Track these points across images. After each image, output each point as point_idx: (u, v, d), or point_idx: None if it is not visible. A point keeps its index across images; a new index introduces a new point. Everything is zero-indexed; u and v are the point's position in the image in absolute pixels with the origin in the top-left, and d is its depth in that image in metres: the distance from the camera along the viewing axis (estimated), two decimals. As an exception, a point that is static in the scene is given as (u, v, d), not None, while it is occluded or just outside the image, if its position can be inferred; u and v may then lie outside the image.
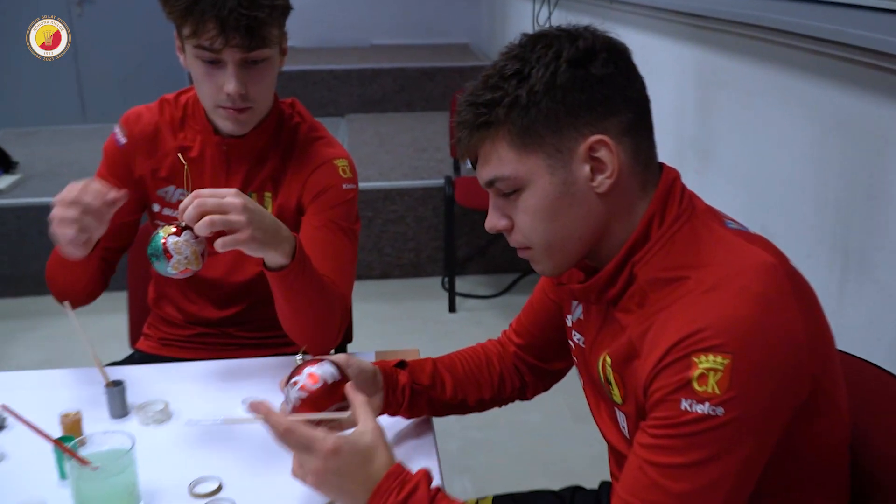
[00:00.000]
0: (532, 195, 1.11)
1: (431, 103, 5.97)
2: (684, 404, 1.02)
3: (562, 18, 4.19)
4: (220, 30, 1.54)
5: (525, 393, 1.52)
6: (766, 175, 2.31)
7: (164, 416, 1.49)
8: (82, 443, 1.24)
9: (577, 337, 1.30)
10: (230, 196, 1.36)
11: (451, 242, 4.02)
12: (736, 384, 1.00)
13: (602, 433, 1.29)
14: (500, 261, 4.34)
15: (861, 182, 1.88)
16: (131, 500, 1.22)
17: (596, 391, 1.27)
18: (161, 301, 1.94)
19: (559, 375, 1.53)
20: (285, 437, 1.14)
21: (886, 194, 1.79)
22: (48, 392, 1.60)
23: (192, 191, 1.34)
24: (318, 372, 1.24)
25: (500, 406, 1.52)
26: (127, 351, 2.05)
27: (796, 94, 2.13)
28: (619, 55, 1.12)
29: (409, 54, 6.49)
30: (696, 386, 1.01)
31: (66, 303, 1.54)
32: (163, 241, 1.36)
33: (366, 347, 1.99)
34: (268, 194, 1.77)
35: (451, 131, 4.03)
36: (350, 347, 2.19)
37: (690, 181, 1.18)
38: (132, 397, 1.53)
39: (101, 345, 1.78)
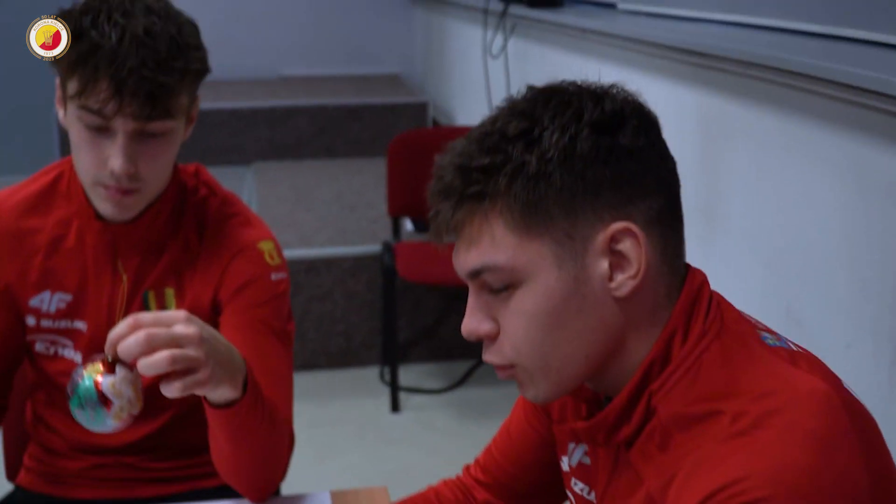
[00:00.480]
0: (530, 294, 1.07)
1: (359, 148, 5.98)
2: None
3: (519, 49, 4.26)
4: (115, 92, 1.51)
5: None
6: (787, 244, 2.35)
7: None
8: None
9: (579, 486, 1.26)
10: (180, 324, 1.32)
11: (392, 323, 4.00)
12: None
13: None
14: (451, 344, 4.34)
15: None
16: None
17: None
18: (39, 425, 1.89)
19: None
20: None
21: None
22: None
23: (73, 292, 1.29)
24: None
25: None
26: (5, 486, 1.97)
27: (823, 148, 2.19)
28: (650, 125, 1.12)
29: (328, 88, 6.52)
30: None
31: None
32: (95, 384, 1.31)
33: (295, 468, 1.93)
34: (169, 291, 1.73)
35: (389, 189, 4.11)
36: (287, 484, 2.14)
37: (693, 251, 1.17)
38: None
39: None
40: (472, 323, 1.12)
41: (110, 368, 1.31)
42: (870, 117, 2.00)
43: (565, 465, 1.29)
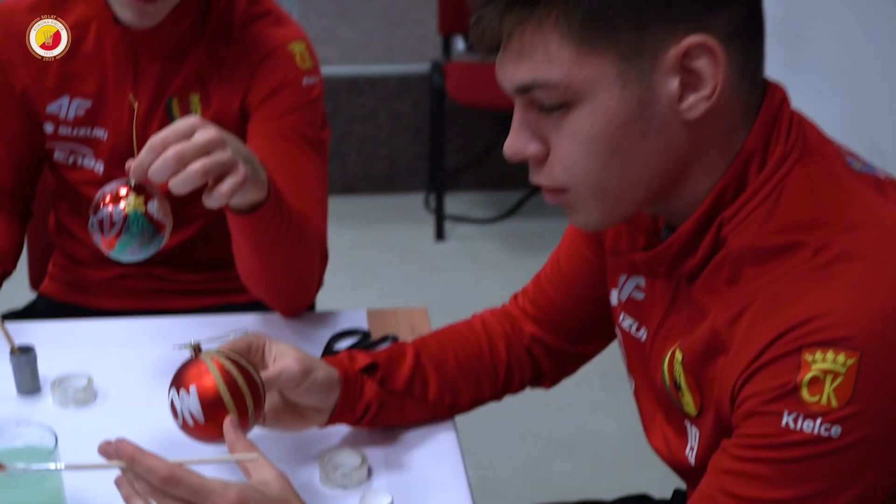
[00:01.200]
0: (589, 115, 1.00)
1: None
2: (787, 419, 0.96)
3: None
4: None
5: (541, 381, 1.47)
6: (875, 76, 2.25)
7: (88, 395, 1.44)
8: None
9: (627, 323, 1.23)
10: (199, 131, 1.28)
11: (439, 149, 3.95)
12: (861, 395, 0.94)
13: (659, 453, 1.23)
14: (501, 173, 4.28)
15: None
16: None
17: (655, 398, 1.21)
18: (62, 234, 1.88)
19: (588, 358, 1.46)
20: (168, 486, 1.02)
21: None
22: None
23: (93, 98, 1.24)
24: (227, 366, 1.17)
25: (498, 400, 1.47)
26: (28, 296, 1.98)
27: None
28: None
29: None
30: (805, 394, 0.95)
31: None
32: (143, 212, 1.30)
33: (332, 292, 1.90)
34: (194, 96, 1.68)
35: (440, 3, 3.97)
36: (321, 301, 2.13)
37: (775, 74, 1.09)
38: (45, 367, 1.48)
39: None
40: (518, 142, 1.05)
41: (146, 193, 1.31)
42: None
43: (614, 298, 1.25)
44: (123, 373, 1.50)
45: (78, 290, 1.89)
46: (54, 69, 1.68)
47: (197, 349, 1.18)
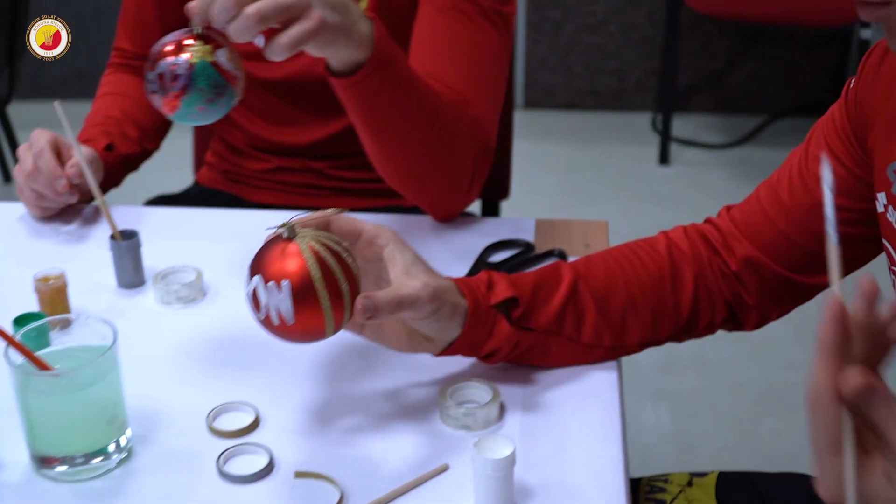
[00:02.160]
0: None
1: None
2: None
3: None
4: None
5: (741, 322, 1.20)
6: None
7: (194, 291, 1.27)
8: (57, 326, 1.02)
9: None
10: None
11: (672, 64, 3.72)
12: None
13: None
14: (739, 95, 4.04)
15: None
16: (108, 430, 0.99)
17: None
18: (221, 119, 1.72)
19: (812, 294, 1.19)
20: None
21: None
22: (29, 241, 1.43)
23: None
24: (320, 251, 0.95)
25: (680, 342, 1.21)
26: (189, 182, 1.88)
27: None
28: None
29: None
30: None
31: (56, 103, 1.31)
32: (211, 62, 1.12)
33: (526, 210, 1.73)
34: None
35: None
36: (505, 208, 1.91)
37: None
38: (153, 258, 1.31)
39: (163, 176, 1.58)
40: None
41: (214, 42, 1.13)
42: None
43: (882, 203, 1.03)
44: (239, 270, 1.30)
45: (234, 181, 1.76)
46: None
47: (292, 231, 0.96)
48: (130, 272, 1.28)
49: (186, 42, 1.11)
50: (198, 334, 1.20)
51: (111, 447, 0.98)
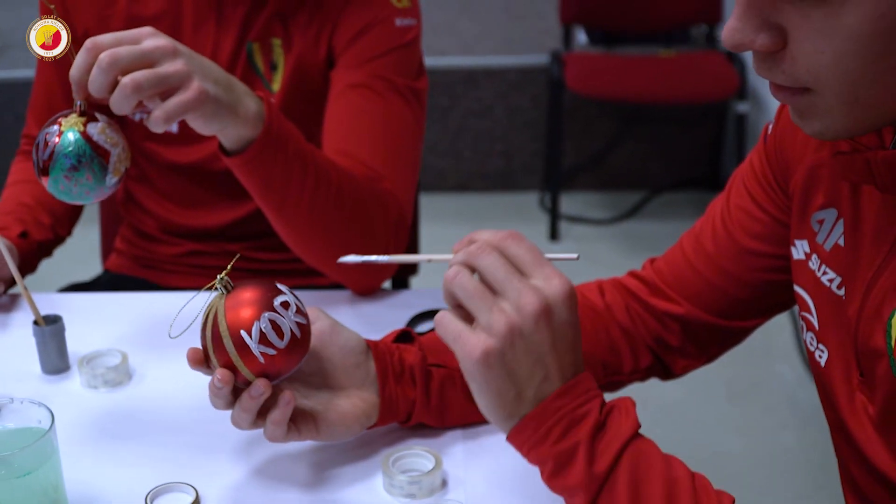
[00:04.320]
0: (855, 9, 0.77)
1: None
2: None
3: None
4: None
5: (668, 367, 1.22)
6: None
7: (120, 375, 1.24)
8: (-15, 413, 0.98)
9: (827, 277, 0.99)
10: (149, 38, 1.10)
11: (557, 145, 3.77)
12: None
13: (857, 444, 0.97)
14: (622, 173, 4.09)
15: None
16: (49, 516, 0.94)
17: (855, 373, 0.96)
18: (130, 204, 1.70)
19: (738, 340, 1.22)
20: (510, 242, 0.88)
21: None
22: None
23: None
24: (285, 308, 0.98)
25: (611, 390, 1.22)
26: (98, 271, 1.84)
27: None
28: None
29: None
30: None
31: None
32: (81, 133, 1.09)
33: (435, 285, 1.68)
34: (276, 41, 1.49)
35: None
36: (417, 283, 1.91)
37: None
38: (77, 344, 1.28)
39: (72, 267, 1.55)
40: (744, 32, 0.82)
41: (89, 117, 1.11)
42: None
43: (800, 252, 1.04)
44: (163, 350, 1.28)
45: (145, 267, 1.72)
46: (120, 12, 1.52)
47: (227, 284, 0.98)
48: (55, 357, 1.24)
49: (66, 116, 1.10)
50: (128, 416, 1.17)
51: (52, 532, 0.95)
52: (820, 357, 1.01)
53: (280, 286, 0.98)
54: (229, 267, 0.98)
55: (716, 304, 1.16)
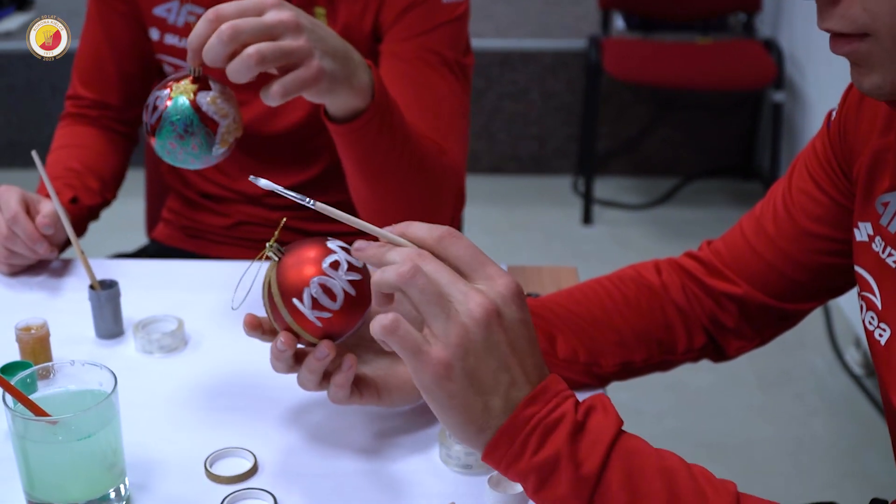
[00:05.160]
0: None
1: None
2: None
3: None
4: None
5: (723, 348, 1.20)
6: None
7: (176, 341, 1.22)
8: (44, 374, 0.97)
9: (892, 258, 0.97)
10: (273, 10, 1.06)
11: (592, 129, 3.74)
12: None
13: None
14: (656, 159, 4.06)
15: None
16: (108, 477, 0.94)
17: None
18: (175, 173, 1.68)
19: (794, 322, 1.20)
20: (446, 242, 0.81)
21: None
22: (9, 292, 1.36)
23: (207, 6, 1.05)
24: (344, 245, 0.96)
25: (664, 370, 1.20)
26: (143, 241, 1.81)
27: None
28: None
29: None
30: None
31: (36, 156, 1.26)
32: (190, 101, 1.07)
33: None
34: (320, 10, 1.46)
35: None
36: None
37: None
38: (132, 309, 1.26)
39: (113, 236, 1.54)
40: None
41: (201, 83, 1.08)
42: None
43: (864, 233, 1.01)
44: (219, 318, 1.27)
45: (192, 237, 1.71)
46: None
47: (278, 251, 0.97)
48: (110, 322, 1.23)
49: (179, 80, 1.08)
50: (185, 382, 1.15)
51: (112, 494, 0.94)
52: (881, 336, 1.00)
53: (331, 244, 0.95)
54: (276, 233, 0.96)
55: (774, 285, 1.14)
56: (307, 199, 0.84)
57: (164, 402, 1.12)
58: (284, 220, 1.02)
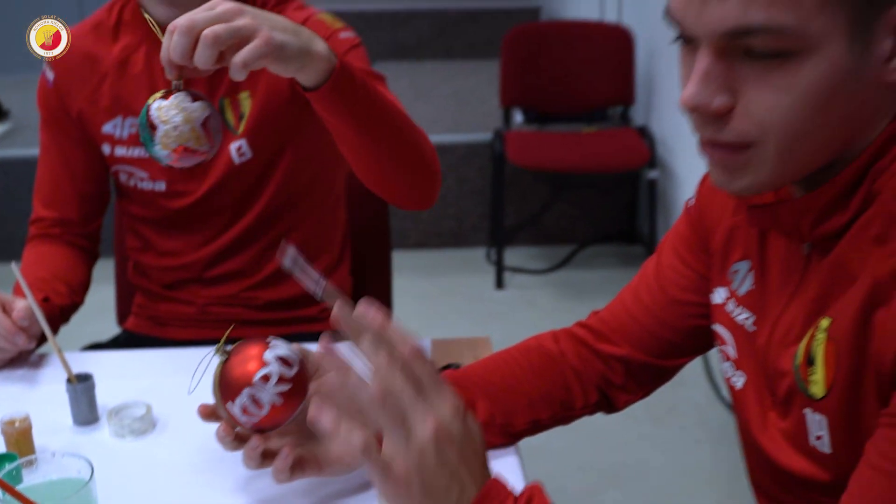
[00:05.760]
0: (811, 69, 0.76)
1: (476, 51, 5.51)
2: None
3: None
4: None
5: (612, 402, 1.19)
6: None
7: (145, 424, 1.18)
8: (29, 465, 0.94)
9: (742, 316, 0.99)
10: (221, 5, 1.06)
11: (500, 208, 3.74)
12: None
13: (770, 457, 0.97)
14: (554, 231, 4.05)
15: None
16: (87, 557, 0.89)
17: (766, 393, 0.96)
18: (136, 273, 1.65)
19: (670, 376, 1.20)
20: (415, 362, 0.80)
21: None
22: None
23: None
24: (285, 353, 0.95)
25: (565, 423, 1.20)
26: (115, 330, 1.76)
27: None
28: None
29: (447, -6, 6.11)
30: None
31: (14, 264, 1.22)
32: (147, 108, 1.08)
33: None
34: (244, 94, 1.45)
35: (502, 79, 3.82)
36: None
37: None
38: (105, 396, 1.22)
39: (86, 324, 1.50)
40: (703, 94, 0.79)
41: (166, 94, 1.09)
42: None
43: (720, 297, 1.03)
44: (182, 401, 1.22)
45: (160, 325, 1.66)
46: (106, 90, 1.48)
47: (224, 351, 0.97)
48: (86, 411, 1.19)
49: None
50: (154, 462, 1.12)
51: (91, 572, 0.90)
52: (736, 382, 1.01)
53: (268, 354, 0.95)
54: (224, 338, 0.97)
55: (652, 346, 1.14)
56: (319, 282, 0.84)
57: (137, 481, 1.09)
58: (233, 325, 1.01)
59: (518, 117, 4.06)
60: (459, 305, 3.52)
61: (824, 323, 0.86)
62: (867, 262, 0.82)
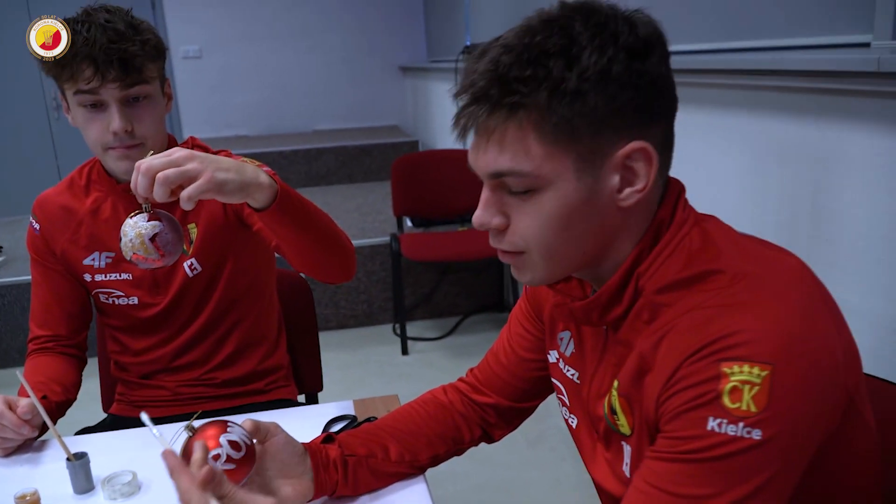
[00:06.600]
0: (549, 199, 0.82)
1: (370, 175, 5.69)
2: (712, 424, 0.74)
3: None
4: (95, 68, 1.29)
5: (491, 436, 1.22)
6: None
7: (132, 488, 1.15)
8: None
9: (570, 373, 1.01)
10: (177, 152, 1.07)
11: (400, 292, 3.74)
12: (776, 401, 0.73)
13: (597, 483, 0.99)
14: (443, 305, 4.07)
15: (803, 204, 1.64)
16: None
17: (593, 431, 0.98)
18: (118, 370, 1.63)
19: (529, 413, 1.23)
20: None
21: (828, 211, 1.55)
22: (4, 469, 1.25)
23: (116, 252, 1.15)
24: (236, 437, 0.94)
25: (459, 455, 1.21)
26: (102, 415, 1.70)
27: (731, 129, 1.91)
28: (667, 54, 0.83)
29: (348, 135, 6.20)
30: (727, 402, 0.73)
31: (18, 371, 1.20)
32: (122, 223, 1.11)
33: (333, 395, 1.67)
34: (191, 225, 1.46)
35: (394, 196, 3.89)
36: (322, 396, 1.86)
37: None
38: (98, 469, 1.19)
39: (77, 412, 1.46)
40: (486, 216, 0.86)
41: (135, 215, 1.11)
42: (761, 96, 1.72)
43: (553, 357, 1.04)
44: (162, 468, 1.21)
45: (140, 407, 1.61)
46: (84, 232, 1.48)
47: (192, 429, 0.95)
48: (83, 482, 1.15)
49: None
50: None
51: None
52: (572, 423, 1.03)
53: (224, 437, 0.94)
54: (192, 420, 0.97)
55: (512, 393, 1.16)
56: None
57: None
58: (198, 412, 1.01)
59: (408, 223, 4.11)
60: (374, 370, 3.50)
61: (615, 384, 0.89)
62: (641, 334, 0.85)
